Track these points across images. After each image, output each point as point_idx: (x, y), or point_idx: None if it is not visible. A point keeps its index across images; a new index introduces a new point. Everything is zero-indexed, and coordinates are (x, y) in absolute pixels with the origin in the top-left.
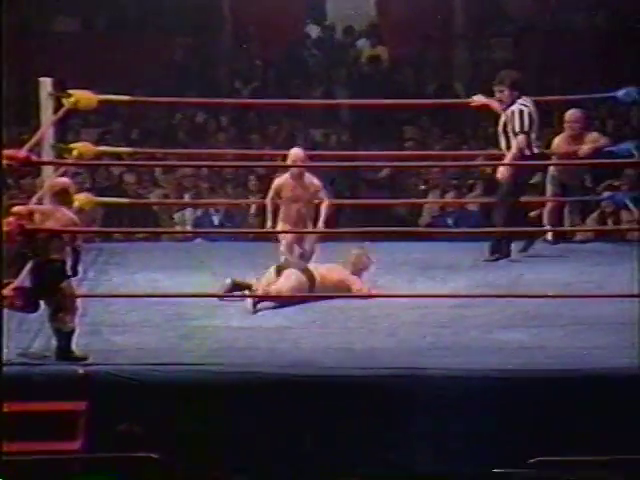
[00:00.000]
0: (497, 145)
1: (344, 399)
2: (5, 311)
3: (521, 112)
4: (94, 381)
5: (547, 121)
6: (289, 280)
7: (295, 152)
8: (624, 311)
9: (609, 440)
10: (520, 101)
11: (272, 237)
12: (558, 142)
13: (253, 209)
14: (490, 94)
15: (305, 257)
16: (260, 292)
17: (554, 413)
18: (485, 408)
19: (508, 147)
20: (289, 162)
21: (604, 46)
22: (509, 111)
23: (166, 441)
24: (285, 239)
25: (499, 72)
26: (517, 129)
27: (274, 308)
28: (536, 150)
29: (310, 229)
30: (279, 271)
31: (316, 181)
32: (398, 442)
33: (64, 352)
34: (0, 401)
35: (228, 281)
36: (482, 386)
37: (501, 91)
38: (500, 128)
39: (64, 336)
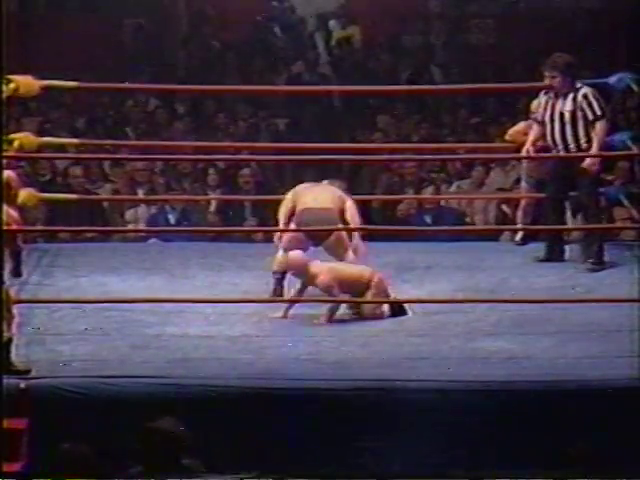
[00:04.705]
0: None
1: (312, 414)
2: None
3: (594, 95)
4: (37, 396)
5: (511, 112)
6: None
7: None
8: (618, 317)
9: (604, 458)
10: (581, 86)
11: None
12: (519, 129)
13: (213, 206)
14: (470, 80)
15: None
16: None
17: (543, 429)
18: (467, 424)
19: (576, 138)
20: None
21: (595, 28)
22: (579, 95)
23: (117, 461)
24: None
25: (551, 55)
26: (598, 113)
27: None
28: None
29: None
30: None
31: None
32: (370, 461)
33: (2, 364)
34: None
35: None
36: (464, 400)
37: (553, 77)
38: (547, 117)
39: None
